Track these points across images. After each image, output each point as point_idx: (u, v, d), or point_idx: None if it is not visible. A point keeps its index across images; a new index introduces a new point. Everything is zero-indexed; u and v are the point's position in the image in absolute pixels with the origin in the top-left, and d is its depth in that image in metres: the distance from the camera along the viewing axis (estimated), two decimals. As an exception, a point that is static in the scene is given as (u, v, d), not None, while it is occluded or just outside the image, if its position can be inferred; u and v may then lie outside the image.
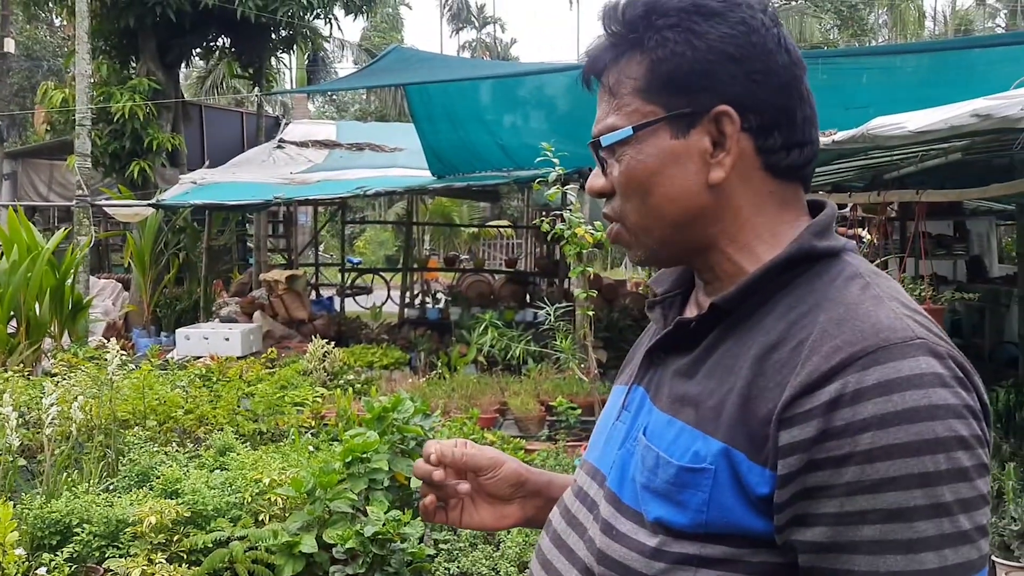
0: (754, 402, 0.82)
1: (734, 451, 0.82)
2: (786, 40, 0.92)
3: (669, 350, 0.96)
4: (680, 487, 0.85)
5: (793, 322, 0.85)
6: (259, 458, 4.22)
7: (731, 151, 0.90)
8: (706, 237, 0.93)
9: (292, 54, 17.73)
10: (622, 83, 0.94)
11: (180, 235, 11.84)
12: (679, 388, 0.91)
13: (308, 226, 16.85)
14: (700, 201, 0.92)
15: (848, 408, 0.76)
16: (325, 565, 3.47)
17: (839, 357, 0.78)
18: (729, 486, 0.82)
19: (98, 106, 11.37)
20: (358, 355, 8.22)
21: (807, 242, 0.89)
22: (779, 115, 0.91)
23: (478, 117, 8.99)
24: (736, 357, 0.87)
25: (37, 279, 7.55)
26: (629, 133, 0.92)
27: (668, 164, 0.91)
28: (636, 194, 0.94)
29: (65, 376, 5.34)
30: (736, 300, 0.90)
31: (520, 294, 11.19)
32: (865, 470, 0.75)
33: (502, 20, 62.23)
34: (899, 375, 0.76)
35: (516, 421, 6.41)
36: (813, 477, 0.77)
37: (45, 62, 25.88)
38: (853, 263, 0.89)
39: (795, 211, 0.94)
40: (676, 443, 0.87)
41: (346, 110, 34.09)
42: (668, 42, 0.90)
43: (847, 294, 0.84)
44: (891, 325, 0.80)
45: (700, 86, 0.90)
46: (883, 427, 0.75)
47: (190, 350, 8.56)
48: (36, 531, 3.58)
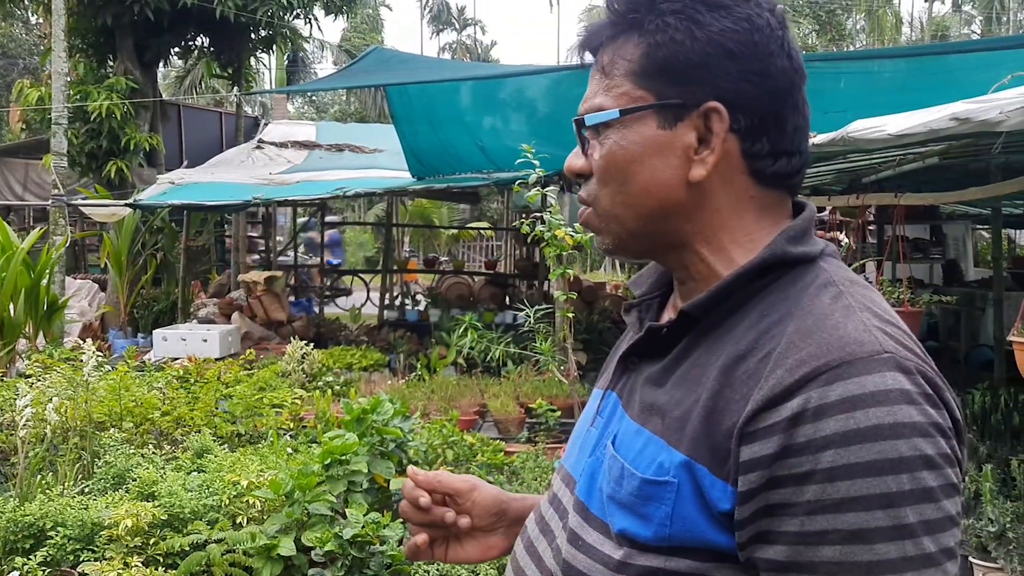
0: (719, 414, 0.80)
1: (697, 465, 0.80)
2: (790, 45, 0.89)
3: (642, 356, 0.94)
4: (644, 500, 0.83)
5: (763, 331, 0.82)
6: (237, 460, 4.19)
7: (716, 150, 0.87)
8: (679, 234, 0.91)
9: (272, 54, 17.66)
10: (616, 63, 0.91)
11: (158, 235, 11.74)
12: (649, 396, 0.89)
13: (287, 227, 16.77)
14: (677, 196, 0.89)
15: (810, 424, 0.74)
16: (304, 568, 3.44)
17: (803, 371, 0.76)
18: (692, 500, 0.81)
19: (75, 105, 11.25)
20: (337, 357, 8.18)
21: (780, 248, 0.87)
22: (770, 120, 0.88)
23: (458, 119, 8.99)
24: (704, 367, 0.85)
25: (11, 279, 7.46)
26: (615, 115, 0.89)
27: (650, 154, 0.89)
28: (613, 180, 0.91)
29: (40, 377, 5.28)
30: (706, 307, 0.88)
31: (500, 296, 11.19)
32: (826, 489, 0.73)
33: (482, 22, 62.36)
34: (863, 391, 0.74)
35: (496, 423, 6.40)
36: (774, 494, 0.75)
37: (20, 60, 25.62)
38: (828, 270, 0.87)
39: (776, 217, 0.91)
40: (642, 454, 0.86)
41: (326, 111, 33.98)
42: (668, 28, 0.87)
43: (818, 303, 0.82)
44: (858, 338, 0.77)
45: (694, 78, 0.87)
46: (845, 445, 0.73)
47: (168, 351, 8.49)
48: (9, 535, 3.53)
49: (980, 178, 5.46)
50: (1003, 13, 31.80)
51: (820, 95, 6.77)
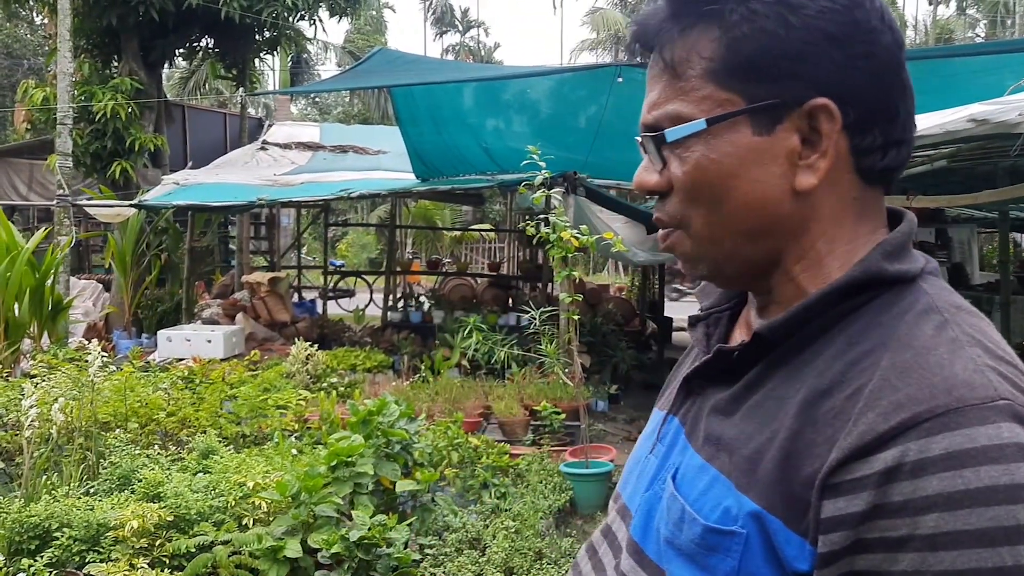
0: (797, 458, 0.70)
1: (769, 516, 0.70)
2: (889, 16, 0.77)
3: (709, 380, 0.83)
4: (707, 550, 0.74)
5: (852, 362, 0.71)
6: (242, 461, 4.19)
7: (828, 153, 0.75)
8: (778, 251, 0.79)
9: (276, 55, 17.67)
10: (691, 62, 0.78)
11: (162, 236, 11.75)
12: (715, 427, 0.79)
13: (291, 228, 16.78)
14: (782, 210, 0.77)
15: (908, 482, 0.64)
16: (310, 570, 3.44)
17: (900, 417, 0.65)
18: (762, 555, 0.71)
19: (80, 105, 11.26)
20: (341, 358, 8.18)
21: (875, 264, 0.75)
22: (880, 109, 0.76)
23: (462, 120, 8.99)
24: (781, 400, 0.74)
25: (16, 279, 7.47)
26: (702, 126, 0.77)
27: (748, 165, 0.76)
28: (705, 198, 0.78)
29: (45, 378, 5.28)
30: (784, 330, 0.76)
31: (503, 298, 11.19)
32: (927, 559, 0.63)
33: (486, 24, 62.39)
34: (973, 445, 0.63)
35: (500, 425, 6.40)
36: (862, 560, 0.65)
37: (26, 60, 25.67)
38: (930, 293, 0.75)
39: (873, 221, 0.80)
40: (707, 495, 0.76)
41: (329, 112, 34.01)
42: (756, 17, 0.75)
43: (918, 333, 0.70)
44: (968, 380, 0.66)
45: (791, 72, 0.75)
46: (951, 509, 0.62)
47: (172, 352, 8.49)
48: (14, 535, 3.53)
49: (987, 181, 5.45)
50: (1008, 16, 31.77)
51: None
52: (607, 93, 7.52)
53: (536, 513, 4.35)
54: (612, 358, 8.60)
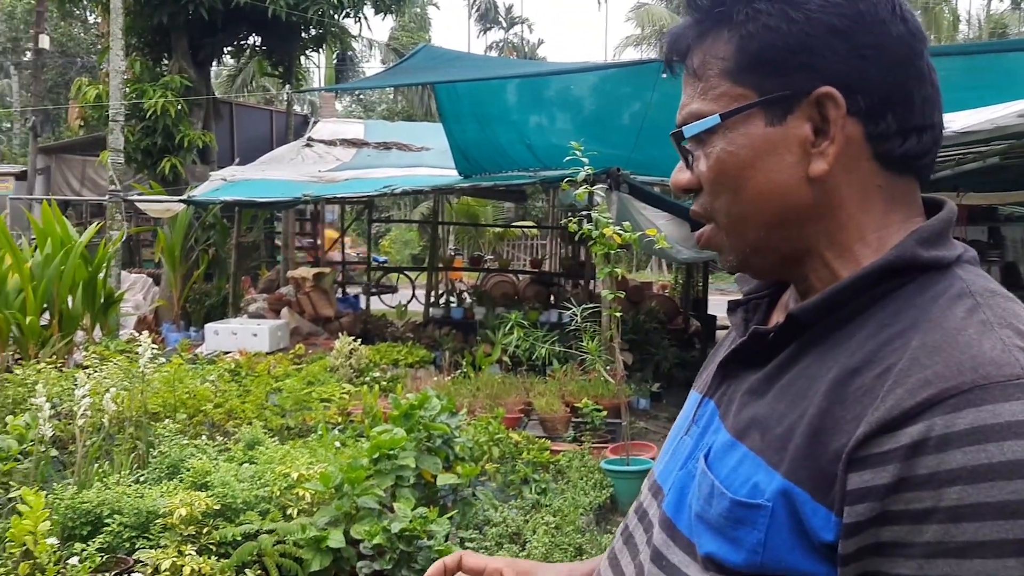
0: (826, 434, 0.72)
1: (796, 489, 0.73)
2: (902, 7, 0.80)
3: (745, 362, 0.86)
4: (735, 523, 0.76)
5: (883, 343, 0.73)
6: (287, 453, 4.25)
7: (835, 139, 0.78)
8: (804, 238, 0.82)
9: (321, 53, 17.86)
10: (708, 64, 0.83)
11: (210, 231, 11.95)
12: (748, 408, 0.82)
13: (335, 224, 16.96)
14: (799, 197, 0.80)
15: (933, 455, 0.66)
16: (352, 560, 3.48)
17: (927, 393, 0.67)
18: (788, 527, 0.73)
19: (131, 103, 11.50)
20: (384, 353, 8.26)
21: (909, 250, 0.77)
22: (893, 95, 0.79)
23: (506, 116, 9.01)
24: (813, 379, 0.76)
25: (70, 272, 7.65)
26: (716, 121, 0.82)
27: (763, 155, 0.80)
28: (727, 190, 0.83)
29: (97, 368, 5.41)
30: (818, 312, 0.79)
31: (544, 295, 11.19)
32: (950, 530, 0.65)
33: (530, 20, 62.39)
34: (997, 420, 0.65)
35: (541, 421, 6.41)
36: (887, 531, 0.68)
37: (79, 58, 26.24)
38: (965, 279, 0.77)
39: (906, 211, 0.82)
40: (737, 471, 0.79)
41: (373, 109, 34.28)
42: (760, 15, 0.79)
43: (949, 316, 0.73)
44: (995, 359, 0.68)
45: (798, 64, 0.79)
46: (974, 481, 0.65)
47: (219, 345, 8.64)
48: (67, 521, 3.63)
49: (1041, 179, 5.32)
50: (1065, 10, 30.95)
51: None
52: (651, 89, 7.48)
53: (576, 509, 4.35)
54: (654, 356, 8.56)
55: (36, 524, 3.23)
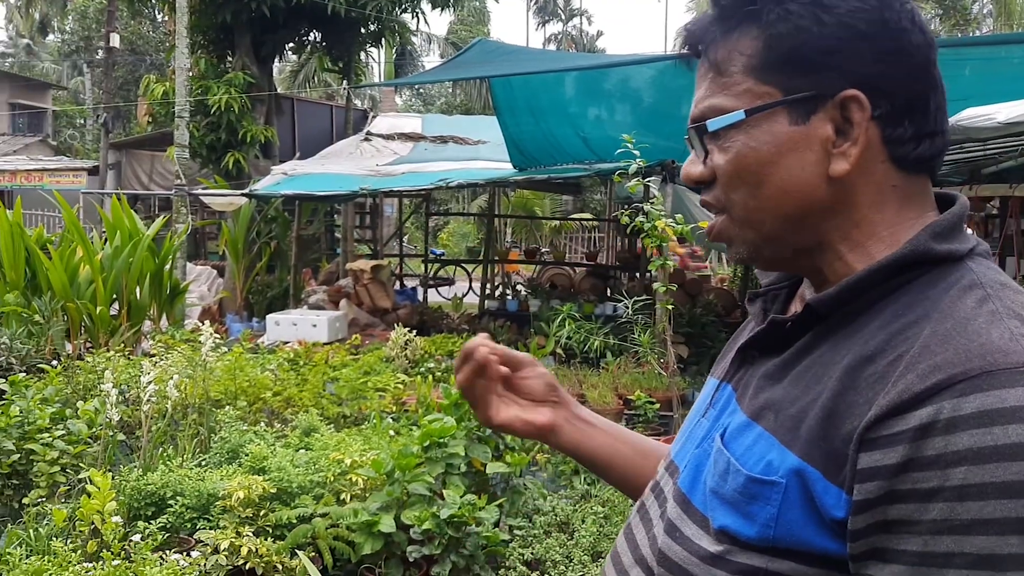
0: (839, 417, 0.75)
1: (809, 468, 0.76)
2: (919, 18, 0.83)
3: (763, 349, 0.89)
4: (749, 498, 0.80)
5: (896, 332, 0.77)
6: (341, 440, 4.36)
7: (859, 141, 0.81)
8: (818, 234, 0.85)
9: (380, 48, 18.07)
10: (732, 60, 0.85)
11: (272, 224, 12.22)
12: (764, 392, 0.85)
13: (394, 217, 17.17)
14: (817, 195, 0.83)
15: (940, 437, 0.69)
16: (403, 545, 3.56)
17: (936, 378, 0.71)
18: (800, 504, 0.77)
19: (196, 99, 11.81)
20: (439, 344, 8.36)
21: (922, 244, 0.80)
22: (911, 101, 0.82)
23: (561, 110, 9.01)
24: (827, 365, 0.80)
25: (138, 264, 7.91)
26: (741, 116, 0.84)
27: (785, 153, 0.83)
28: (746, 184, 0.85)
29: (162, 357, 5.60)
30: (833, 303, 0.82)
31: (600, 288, 11.19)
32: (955, 508, 0.68)
33: (588, 12, 62.07)
34: (1003, 405, 0.68)
35: (593, 413, 6.43)
36: (895, 509, 0.71)
37: (148, 56, 26.97)
38: (976, 271, 0.80)
39: (919, 207, 0.85)
40: (752, 450, 0.82)
41: (432, 103, 34.53)
42: (791, 16, 0.81)
43: (960, 307, 0.76)
44: (1003, 347, 0.71)
45: (825, 66, 0.81)
46: (979, 462, 0.67)
47: (279, 335, 8.85)
48: (133, 502, 3.78)
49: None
50: None
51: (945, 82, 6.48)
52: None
53: (626, 500, 4.38)
54: (711, 349, 8.50)
55: (103, 504, 3.38)
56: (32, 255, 7.58)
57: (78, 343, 7.26)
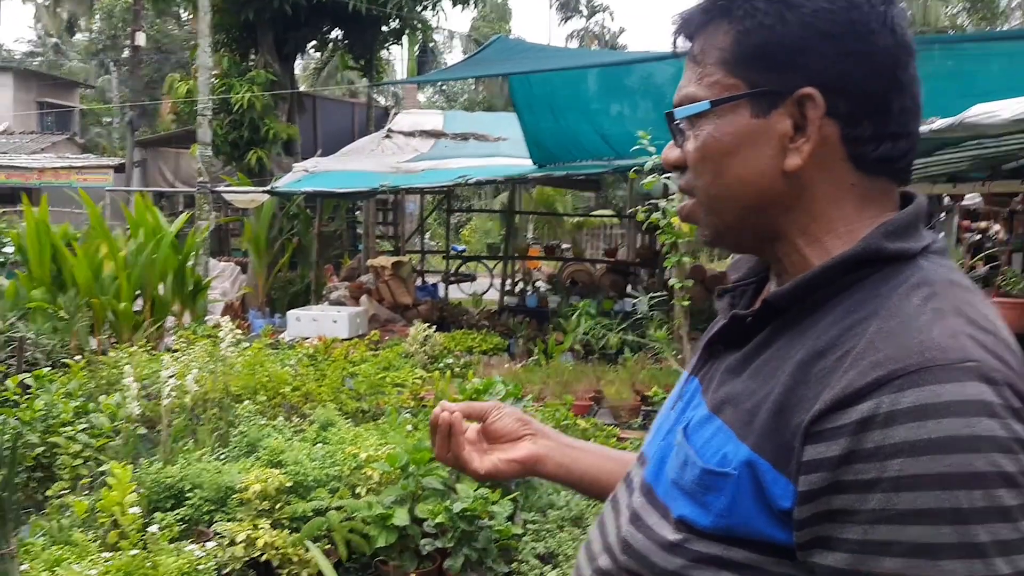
0: (789, 411, 0.78)
1: (760, 459, 0.79)
2: (894, 20, 0.84)
3: (727, 343, 0.92)
4: (704, 489, 0.83)
5: (846, 329, 0.79)
6: (358, 434, 4.41)
7: (811, 138, 0.83)
8: (777, 225, 0.88)
9: (402, 45, 18.13)
10: (707, 52, 0.88)
11: (294, 221, 12.31)
12: (725, 385, 0.88)
13: (416, 214, 17.24)
14: (774, 187, 0.86)
15: (879, 431, 0.71)
16: (416, 537, 3.61)
17: (876, 374, 0.73)
18: (751, 494, 0.79)
19: (219, 97, 11.93)
20: (458, 340, 8.40)
21: (875, 242, 0.82)
22: (872, 102, 0.83)
23: (580, 106, 9.02)
24: (782, 359, 0.82)
25: (161, 261, 8.01)
26: (706, 107, 0.87)
27: (744, 144, 0.86)
28: (708, 171, 0.89)
29: (184, 352, 5.68)
30: (789, 298, 0.85)
31: (621, 284, 11.18)
32: (892, 499, 0.70)
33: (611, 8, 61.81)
34: (938, 400, 0.70)
35: (611, 410, 6.44)
36: (837, 499, 0.73)
37: (173, 55, 27.23)
38: (926, 269, 0.81)
39: (880, 207, 0.86)
40: (710, 443, 0.85)
41: (455, 100, 34.58)
42: (758, 12, 0.84)
43: (906, 304, 0.78)
44: (941, 344, 0.73)
45: (787, 63, 0.83)
46: (913, 455, 0.70)
47: (300, 331, 8.92)
48: (152, 494, 3.85)
49: None
50: None
51: (971, 77, 6.40)
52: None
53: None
54: (728, 345, 8.47)
55: (123, 496, 3.45)
56: (58, 252, 7.70)
57: (102, 338, 7.37)
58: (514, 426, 1.17)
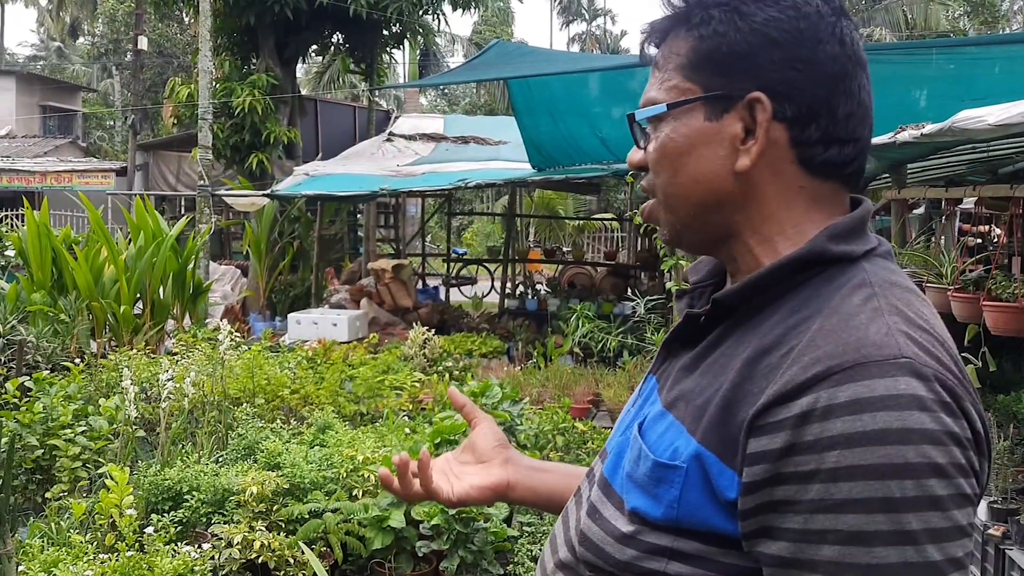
0: (736, 405, 0.81)
1: (707, 453, 0.82)
2: (843, 31, 0.88)
3: (683, 342, 0.95)
4: (655, 481, 0.85)
5: (791, 327, 0.82)
6: (355, 437, 4.42)
7: (759, 140, 0.87)
8: (729, 225, 0.92)
9: (403, 49, 18.17)
10: (668, 58, 0.93)
11: (294, 224, 12.33)
12: (680, 383, 0.91)
13: (416, 217, 17.27)
14: (725, 187, 0.90)
15: (817, 424, 0.75)
16: (412, 539, 3.62)
17: (815, 369, 0.76)
18: (699, 487, 0.82)
19: (220, 101, 11.95)
20: (458, 343, 8.42)
21: (820, 244, 0.86)
22: (819, 107, 0.87)
23: (578, 110, 9.05)
24: (731, 357, 0.85)
25: (161, 264, 8.03)
26: (663, 110, 0.92)
27: (698, 145, 0.90)
28: (665, 171, 0.93)
29: (183, 355, 5.70)
30: (737, 297, 0.88)
31: (621, 287, 11.20)
32: (829, 489, 0.74)
33: (613, 12, 61.93)
34: (872, 394, 0.74)
35: (610, 413, 6.46)
36: (779, 491, 0.76)
37: (175, 59, 27.29)
38: (868, 270, 0.85)
39: (828, 210, 0.90)
40: (663, 437, 0.88)
41: (457, 103, 34.65)
42: (712, 20, 0.89)
43: (846, 304, 0.81)
44: (876, 341, 0.77)
45: (738, 69, 0.88)
46: (849, 447, 0.73)
47: (301, 334, 8.95)
48: (151, 496, 3.87)
49: None
50: None
51: (972, 81, 6.41)
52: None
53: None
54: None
55: (121, 499, 3.47)
56: (58, 255, 7.72)
57: (102, 341, 7.40)
58: (492, 446, 1.20)
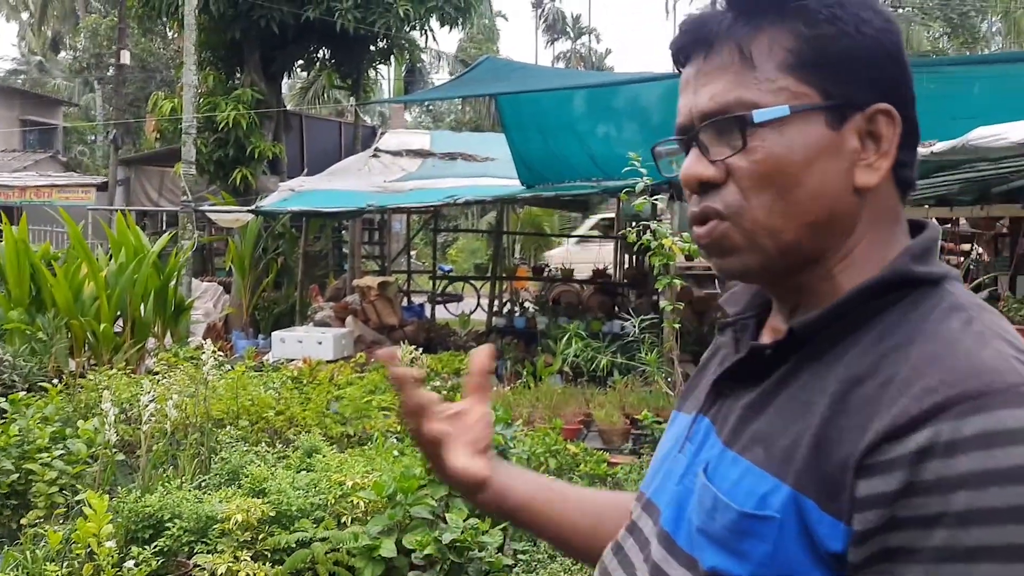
0: (831, 444, 0.72)
1: (804, 498, 0.73)
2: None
3: (740, 379, 0.85)
4: (740, 535, 0.76)
5: (882, 355, 0.74)
6: (344, 461, 4.30)
7: (889, 155, 0.80)
8: (823, 249, 0.82)
9: (389, 65, 18.12)
10: (769, 54, 0.80)
11: (279, 241, 12.20)
12: (748, 423, 0.81)
13: (402, 234, 17.16)
14: (843, 205, 0.80)
15: (940, 460, 0.66)
16: (404, 570, 3.50)
17: (933, 400, 0.68)
18: (796, 538, 0.73)
19: (204, 115, 11.83)
20: (446, 362, 8.29)
21: (904, 265, 0.79)
22: (914, 124, 0.83)
23: (568, 127, 9.00)
24: (813, 392, 0.76)
25: (142, 281, 7.89)
26: (786, 112, 0.79)
27: (820, 157, 0.79)
28: (773, 187, 0.79)
29: (164, 375, 5.56)
30: (817, 326, 0.79)
31: (609, 305, 11.12)
32: (957, 535, 0.65)
33: (597, 31, 62.22)
34: (1004, 427, 0.66)
35: (600, 433, 6.36)
36: (895, 537, 0.68)
37: (158, 73, 27.13)
38: (955, 293, 0.78)
39: (902, 229, 0.84)
40: (739, 485, 0.78)
41: (442, 120, 34.65)
42: (838, 20, 0.79)
43: (944, 328, 0.74)
44: (996, 367, 0.69)
45: (863, 76, 0.80)
46: (981, 487, 0.65)
47: (285, 353, 8.80)
48: (130, 524, 3.73)
49: None
50: None
51: (952, 100, 6.45)
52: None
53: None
54: (718, 369, 8.41)
55: (99, 527, 3.32)
56: (37, 272, 7.57)
57: (82, 360, 7.23)
58: (483, 432, 1.01)
